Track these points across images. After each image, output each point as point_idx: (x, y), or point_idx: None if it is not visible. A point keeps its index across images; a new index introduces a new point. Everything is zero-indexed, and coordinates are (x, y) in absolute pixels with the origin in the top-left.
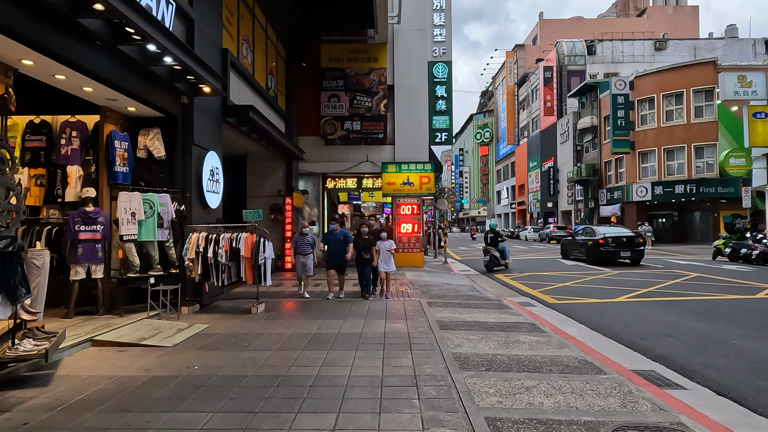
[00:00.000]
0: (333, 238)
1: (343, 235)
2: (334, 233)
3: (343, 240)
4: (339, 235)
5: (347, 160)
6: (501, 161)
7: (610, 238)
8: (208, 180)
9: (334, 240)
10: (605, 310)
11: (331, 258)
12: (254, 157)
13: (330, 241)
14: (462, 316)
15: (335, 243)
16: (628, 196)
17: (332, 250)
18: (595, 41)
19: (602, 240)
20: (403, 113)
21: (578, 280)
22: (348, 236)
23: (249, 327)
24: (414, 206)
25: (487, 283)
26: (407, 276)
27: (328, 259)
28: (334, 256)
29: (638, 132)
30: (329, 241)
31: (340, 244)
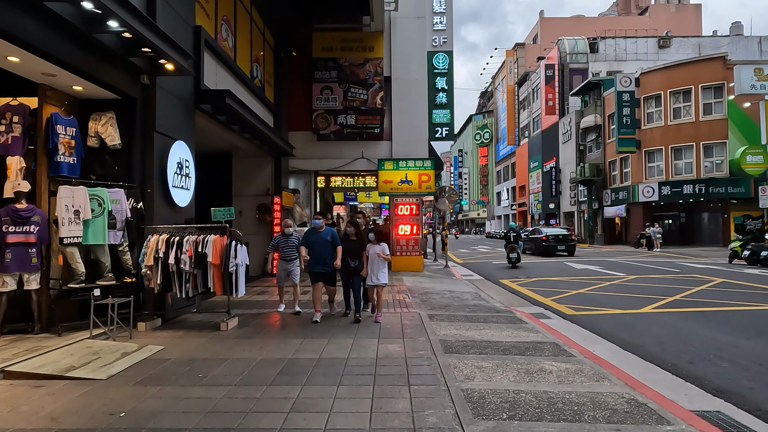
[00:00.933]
0: (317, 239)
1: (330, 234)
2: (317, 232)
3: (330, 241)
4: (325, 234)
5: (341, 157)
6: (501, 162)
7: (550, 236)
8: (174, 174)
9: (319, 241)
10: (633, 323)
11: (315, 266)
12: (240, 153)
13: (313, 242)
14: (469, 334)
15: (320, 245)
16: (634, 196)
17: (316, 254)
18: (597, 39)
19: (544, 237)
20: (400, 106)
21: (592, 286)
22: (336, 236)
23: (213, 349)
24: (413, 206)
25: (493, 290)
26: (405, 282)
27: (311, 268)
28: (318, 262)
29: (644, 130)
30: (312, 242)
31: (326, 246)
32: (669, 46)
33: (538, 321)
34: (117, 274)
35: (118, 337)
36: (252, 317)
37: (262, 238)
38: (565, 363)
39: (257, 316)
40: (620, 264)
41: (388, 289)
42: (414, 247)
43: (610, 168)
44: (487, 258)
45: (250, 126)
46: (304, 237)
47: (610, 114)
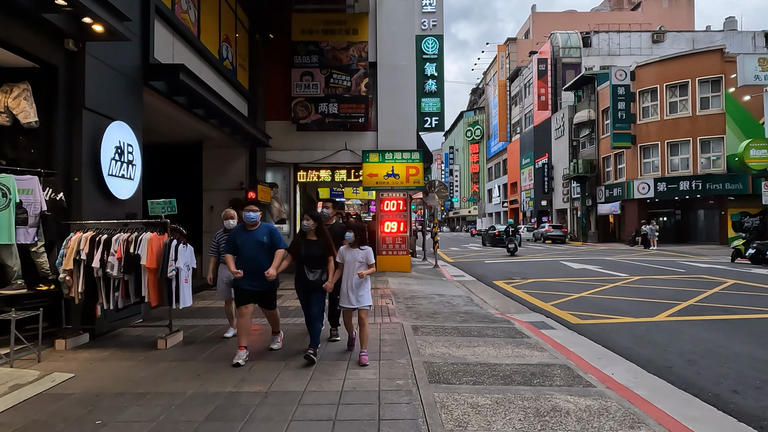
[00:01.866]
0: (246, 240)
1: (267, 233)
2: (248, 231)
3: (267, 243)
4: (258, 234)
5: (323, 149)
6: (492, 159)
7: (501, 231)
8: (111, 160)
9: (249, 244)
10: (650, 335)
11: (244, 280)
12: (211, 143)
13: (241, 246)
14: (461, 353)
15: (251, 250)
16: (629, 193)
17: (245, 263)
18: (590, 33)
19: (497, 232)
20: (387, 94)
21: (595, 288)
22: (277, 235)
23: (135, 377)
24: (400, 202)
25: (486, 294)
26: (390, 284)
27: (236, 283)
28: (248, 275)
29: (640, 125)
30: (240, 246)
31: (261, 251)
32: (663, 41)
33: (540, 333)
34: (32, 280)
35: (21, 360)
36: (204, 330)
37: None
38: (584, 397)
39: (211, 328)
40: (620, 263)
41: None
42: (401, 246)
43: (604, 164)
44: (479, 256)
45: (216, 111)
46: (228, 240)
47: (604, 109)
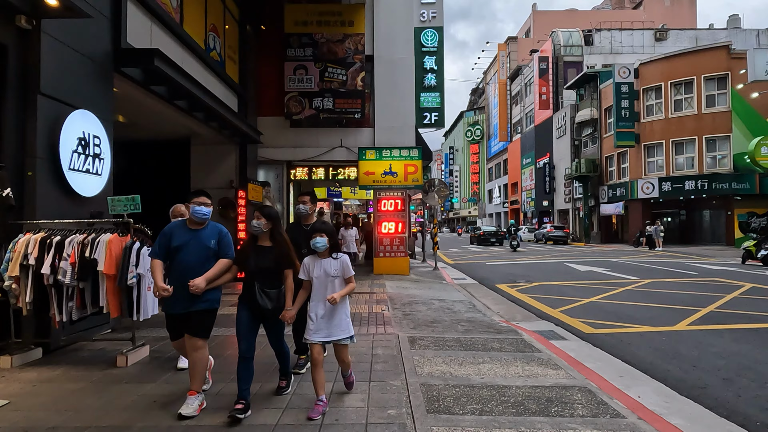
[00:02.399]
0: (187, 243)
1: (216, 235)
2: (190, 230)
3: (214, 250)
4: (206, 235)
5: (317, 146)
6: (492, 159)
7: (485, 231)
8: (74, 153)
9: (191, 247)
10: (675, 347)
11: (178, 301)
12: (199, 139)
13: (178, 249)
14: (464, 372)
15: (191, 254)
16: (633, 193)
17: (182, 271)
18: (592, 31)
19: (482, 232)
20: (384, 89)
21: (605, 293)
22: (226, 240)
23: (78, 405)
24: (398, 201)
25: (489, 298)
26: (388, 288)
27: (166, 304)
28: (179, 293)
29: (644, 123)
30: (175, 249)
31: (204, 258)
32: (666, 39)
33: (552, 346)
34: None
35: None
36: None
37: None
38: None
39: None
40: (627, 265)
41: (364, 298)
42: (399, 248)
43: (607, 163)
44: (481, 258)
45: (201, 103)
46: (160, 239)
47: (607, 107)
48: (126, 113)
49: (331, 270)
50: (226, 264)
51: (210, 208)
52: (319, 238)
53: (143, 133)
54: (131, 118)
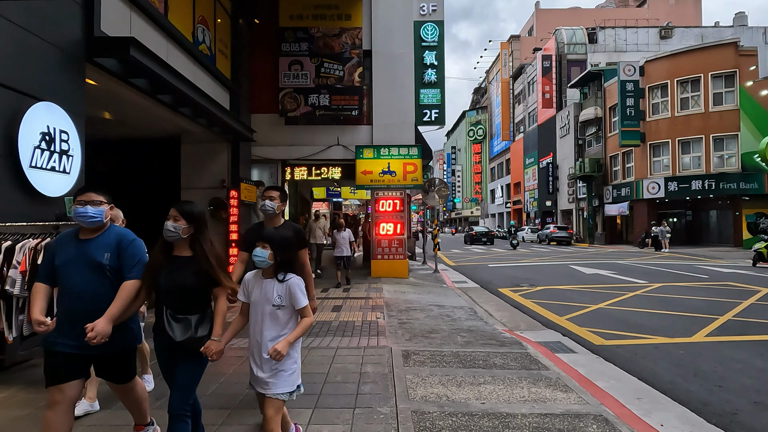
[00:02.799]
0: (71, 259)
1: (113, 244)
2: (79, 240)
3: (111, 267)
4: (97, 247)
5: (313, 144)
6: (495, 159)
7: (477, 231)
8: (36, 149)
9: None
10: (694, 362)
11: (65, 336)
12: (190, 137)
13: (60, 274)
14: (463, 395)
15: (76, 275)
16: (638, 193)
17: (67, 298)
18: (596, 29)
19: (474, 233)
20: (382, 85)
21: (613, 298)
22: (130, 253)
23: None
24: (396, 201)
25: (491, 304)
26: (385, 292)
27: (47, 341)
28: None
29: (649, 122)
30: (58, 271)
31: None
32: (671, 37)
33: (560, 361)
34: None
35: None
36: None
37: (217, 239)
38: None
39: None
40: (633, 268)
41: (359, 304)
42: (398, 249)
43: (612, 163)
44: (483, 260)
45: (186, 98)
46: (43, 257)
47: (611, 106)
48: (110, 109)
49: (272, 296)
50: (130, 289)
51: (103, 207)
52: (258, 250)
53: (131, 130)
54: (117, 115)
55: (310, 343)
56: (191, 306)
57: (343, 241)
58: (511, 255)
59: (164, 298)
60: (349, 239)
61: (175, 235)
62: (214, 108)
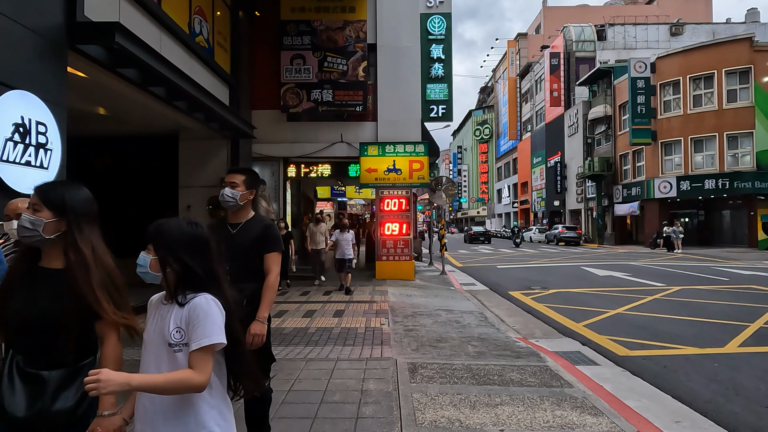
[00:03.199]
0: None
1: None
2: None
3: None
4: None
5: (316, 141)
6: (502, 158)
7: (475, 231)
8: (8, 141)
9: None
10: (734, 378)
11: None
12: (188, 134)
13: None
14: (478, 419)
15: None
16: (649, 192)
17: None
18: (605, 26)
19: (473, 232)
20: (388, 80)
21: (632, 302)
22: None
23: None
24: (402, 200)
25: (503, 308)
26: (390, 296)
27: None
28: None
29: (661, 120)
30: None
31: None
32: (682, 34)
33: (584, 376)
34: None
35: None
36: None
37: None
38: None
39: None
40: (649, 269)
41: (363, 308)
42: (404, 250)
43: (622, 162)
44: (491, 260)
45: (181, 91)
46: None
47: (621, 103)
48: (104, 104)
49: (168, 329)
50: None
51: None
52: (141, 256)
53: (127, 126)
54: (111, 110)
55: (308, 353)
56: (52, 352)
57: (345, 243)
58: (520, 256)
59: (12, 337)
60: (352, 241)
61: (32, 234)
62: (211, 102)
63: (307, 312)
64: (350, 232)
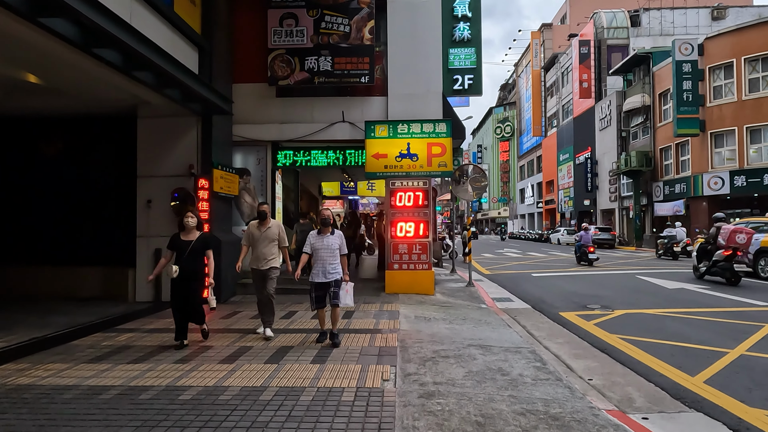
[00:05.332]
0: None
1: None
2: None
3: None
4: None
5: (311, 121)
6: (524, 156)
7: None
8: None
9: None
10: None
11: None
12: (148, 110)
13: None
14: None
15: None
16: (696, 189)
17: None
18: (640, 11)
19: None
20: (401, 44)
21: (748, 336)
22: None
23: None
24: (419, 193)
25: (560, 341)
26: (402, 319)
27: None
28: None
29: (710, 108)
30: None
31: None
32: (724, 18)
33: None
34: None
35: None
36: None
37: None
38: None
39: None
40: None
41: (361, 343)
42: (421, 257)
43: (663, 156)
44: (522, 266)
45: (129, 51)
46: None
47: (662, 92)
48: (35, 70)
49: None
50: None
51: None
52: None
53: (71, 102)
54: (47, 79)
55: None
56: None
57: (326, 253)
58: (554, 261)
59: None
60: (342, 250)
61: None
62: (170, 67)
63: (277, 352)
64: (336, 233)
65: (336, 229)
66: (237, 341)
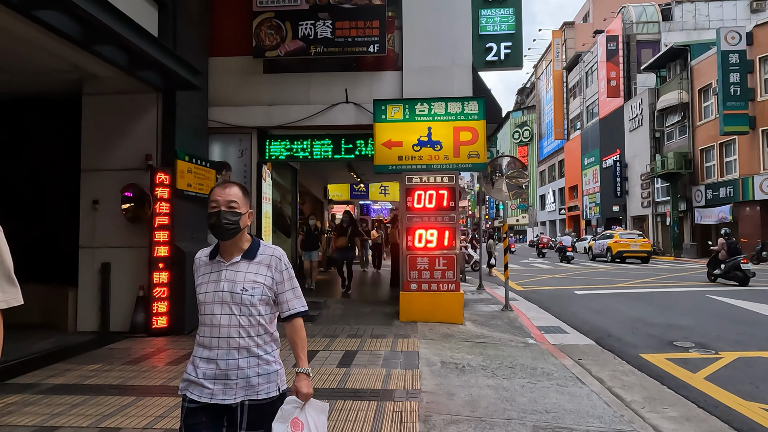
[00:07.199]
0: None
1: None
2: None
3: None
4: None
5: (307, 102)
6: (545, 161)
7: None
8: None
9: None
10: None
11: None
12: (95, 86)
13: None
14: None
15: None
16: (745, 193)
17: None
18: (672, 4)
19: None
20: (418, 3)
21: None
22: None
23: None
24: (443, 192)
25: (671, 414)
26: (423, 368)
27: None
28: None
29: (761, 103)
30: None
31: None
32: (764, 10)
33: None
34: None
35: None
36: None
37: (136, 253)
38: None
39: None
40: None
41: (362, 418)
42: (446, 274)
43: (704, 157)
44: (556, 280)
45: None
46: None
47: (702, 87)
48: None
49: None
50: None
51: None
52: None
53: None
54: None
55: None
56: None
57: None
58: (592, 274)
59: None
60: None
61: None
62: (105, 15)
63: None
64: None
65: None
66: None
